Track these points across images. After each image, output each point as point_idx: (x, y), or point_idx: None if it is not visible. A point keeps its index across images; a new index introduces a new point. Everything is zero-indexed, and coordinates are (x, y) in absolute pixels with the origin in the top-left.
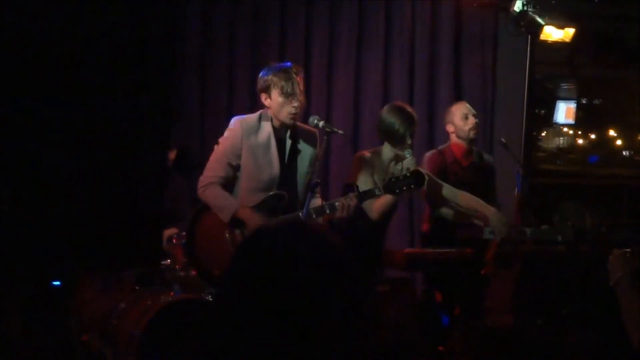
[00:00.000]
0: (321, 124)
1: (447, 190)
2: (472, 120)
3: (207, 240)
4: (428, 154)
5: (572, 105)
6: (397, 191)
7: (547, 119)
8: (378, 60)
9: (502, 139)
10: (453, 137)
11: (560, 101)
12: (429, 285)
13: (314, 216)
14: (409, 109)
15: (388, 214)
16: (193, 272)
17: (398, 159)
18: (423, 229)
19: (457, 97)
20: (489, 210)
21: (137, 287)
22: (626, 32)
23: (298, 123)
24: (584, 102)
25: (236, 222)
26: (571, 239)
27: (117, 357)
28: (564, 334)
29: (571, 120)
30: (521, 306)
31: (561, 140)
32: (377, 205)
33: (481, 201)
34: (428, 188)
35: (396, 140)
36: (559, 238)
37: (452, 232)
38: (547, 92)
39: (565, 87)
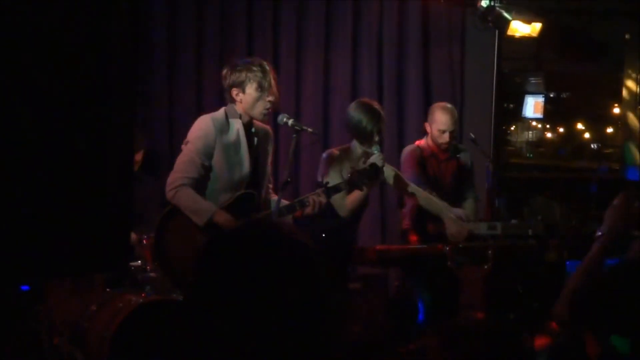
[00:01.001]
0: (290, 122)
1: (412, 189)
2: (446, 137)
3: (178, 245)
4: (407, 149)
5: (541, 100)
6: (360, 184)
7: (516, 114)
8: (346, 57)
9: (471, 134)
10: (430, 135)
11: (528, 96)
12: (405, 282)
13: (285, 213)
14: (376, 105)
15: (359, 210)
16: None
17: (367, 156)
18: (404, 225)
19: (426, 93)
20: (448, 218)
21: (107, 289)
22: (592, 27)
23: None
24: (552, 96)
25: (212, 226)
26: (541, 233)
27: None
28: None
29: (539, 115)
30: (493, 301)
31: (530, 135)
32: (347, 202)
33: (442, 207)
34: (395, 185)
35: (364, 137)
36: (529, 232)
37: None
38: (516, 86)
39: (534, 81)
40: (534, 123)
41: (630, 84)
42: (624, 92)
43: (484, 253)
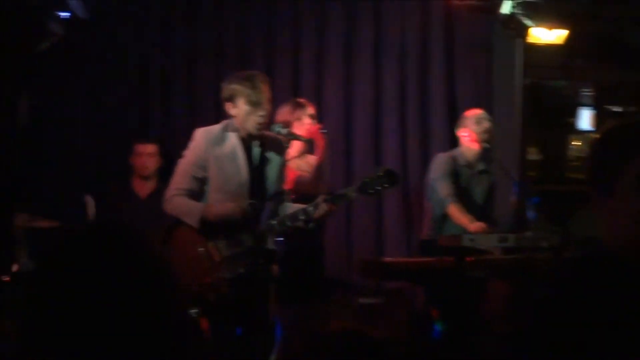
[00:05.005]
0: (284, 131)
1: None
2: (485, 124)
3: (180, 256)
4: (440, 156)
5: (592, 112)
6: (370, 192)
7: (573, 127)
8: (368, 67)
9: (486, 144)
10: (465, 142)
11: (581, 108)
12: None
13: (288, 223)
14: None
15: None
16: None
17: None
18: (422, 236)
19: (451, 104)
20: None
21: None
22: (625, 34)
23: (264, 131)
24: (615, 110)
25: (209, 225)
26: (557, 244)
27: None
28: None
29: (591, 127)
30: (515, 314)
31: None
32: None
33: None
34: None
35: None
36: (544, 244)
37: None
38: (567, 99)
39: (586, 93)
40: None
41: None
42: None
43: (500, 266)
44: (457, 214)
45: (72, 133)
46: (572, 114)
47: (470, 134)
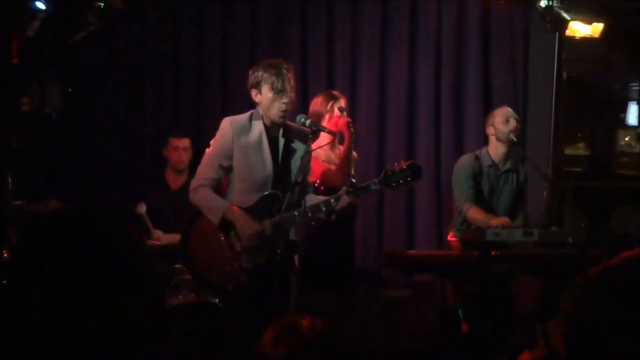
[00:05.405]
0: (308, 122)
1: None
2: (513, 123)
3: (202, 245)
4: (464, 157)
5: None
6: (393, 185)
7: (622, 122)
8: (403, 60)
9: (513, 137)
10: (492, 140)
11: (631, 103)
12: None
13: (309, 214)
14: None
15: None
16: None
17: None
18: (450, 237)
19: (486, 97)
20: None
21: None
22: None
23: (289, 122)
24: None
25: (229, 224)
26: (583, 240)
27: None
28: None
29: (635, 123)
30: (547, 310)
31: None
32: None
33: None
34: None
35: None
36: (570, 240)
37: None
38: (614, 93)
39: (635, 87)
40: None
41: None
42: None
43: (525, 260)
44: (476, 216)
45: (106, 123)
46: (620, 109)
47: (497, 132)
